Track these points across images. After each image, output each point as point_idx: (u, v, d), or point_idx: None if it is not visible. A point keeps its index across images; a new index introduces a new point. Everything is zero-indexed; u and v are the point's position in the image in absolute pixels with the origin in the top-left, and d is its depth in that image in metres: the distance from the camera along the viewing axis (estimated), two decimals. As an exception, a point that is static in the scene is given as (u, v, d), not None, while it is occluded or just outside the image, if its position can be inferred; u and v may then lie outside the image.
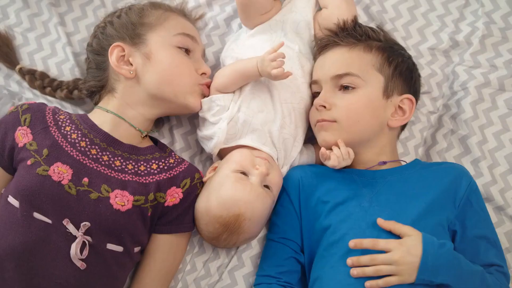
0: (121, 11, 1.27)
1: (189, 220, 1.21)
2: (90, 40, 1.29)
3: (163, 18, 1.25)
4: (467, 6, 1.46)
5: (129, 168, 1.16)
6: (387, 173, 1.20)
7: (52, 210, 1.07)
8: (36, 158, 1.11)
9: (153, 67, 1.19)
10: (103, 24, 1.27)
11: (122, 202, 1.11)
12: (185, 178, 1.20)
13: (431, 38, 1.44)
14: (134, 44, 1.21)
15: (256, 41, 1.30)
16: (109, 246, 1.10)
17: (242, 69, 1.22)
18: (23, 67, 1.34)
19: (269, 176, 1.18)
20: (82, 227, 1.07)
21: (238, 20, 1.42)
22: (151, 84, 1.20)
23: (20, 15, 1.39)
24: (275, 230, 1.24)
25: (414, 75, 1.28)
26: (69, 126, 1.17)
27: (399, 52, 1.27)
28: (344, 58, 1.23)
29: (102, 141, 1.17)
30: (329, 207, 1.18)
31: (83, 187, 1.10)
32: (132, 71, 1.19)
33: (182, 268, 1.28)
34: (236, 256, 1.29)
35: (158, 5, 1.29)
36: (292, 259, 1.20)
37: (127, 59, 1.20)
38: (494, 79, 1.37)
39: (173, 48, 1.22)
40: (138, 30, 1.22)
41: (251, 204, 1.14)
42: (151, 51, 1.20)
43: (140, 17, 1.24)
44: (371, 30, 1.28)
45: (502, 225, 1.31)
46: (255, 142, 1.23)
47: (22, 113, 1.18)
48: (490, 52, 1.40)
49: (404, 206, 1.13)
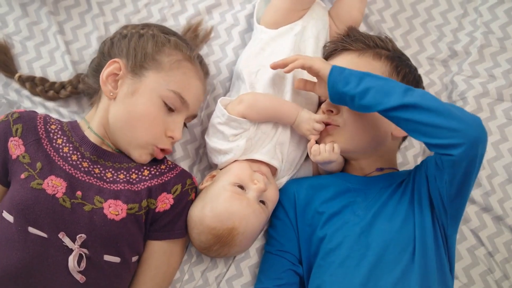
0: (148, 30, 1.22)
1: (181, 227, 1.20)
2: (108, 38, 1.25)
3: (175, 66, 1.18)
4: (465, 16, 1.47)
5: (121, 178, 1.15)
6: (382, 179, 1.20)
7: (47, 224, 1.06)
8: (30, 172, 1.10)
9: (129, 104, 1.15)
10: (125, 32, 1.22)
11: (116, 211, 1.10)
12: (176, 184, 1.19)
13: (429, 48, 1.45)
14: (132, 72, 1.16)
15: (279, 47, 1.28)
16: (106, 258, 1.09)
17: (279, 114, 1.20)
18: (22, 75, 1.33)
19: (266, 192, 1.18)
20: (78, 240, 1.06)
21: (239, 29, 1.42)
22: (115, 118, 1.16)
23: (19, 23, 1.38)
24: (273, 242, 1.24)
25: (419, 86, 1.28)
26: (61, 139, 1.16)
27: (406, 62, 1.28)
28: (354, 62, 1.23)
29: (92, 154, 1.16)
30: (325, 217, 1.18)
31: (77, 200, 1.09)
32: (112, 94, 1.16)
33: (180, 277, 1.27)
34: (234, 265, 1.28)
35: (180, 48, 1.21)
36: (290, 271, 1.20)
37: (117, 80, 1.17)
38: (492, 89, 1.37)
39: (158, 100, 1.15)
40: (145, 62, 1.17)
41: (245, 218, 1.13)
42: (139, 89, 1.15)
43: (156, 52, 1.18)
44: (378, 39, 1.28)
45: (501, 235, 1.31)
46: (265, 157, 1.22)
47: (13, 123, 1.16)
48: (488, 62, 1.41)
49: (396, 209, 1.13)
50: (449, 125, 0.97)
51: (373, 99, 1.03)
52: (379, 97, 1.02)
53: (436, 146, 0.99)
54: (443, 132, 0.97)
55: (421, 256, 1.07)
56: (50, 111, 1.32)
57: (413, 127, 1.01)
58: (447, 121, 0.97)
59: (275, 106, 1.20)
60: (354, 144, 1.19)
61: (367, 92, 1.03)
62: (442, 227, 1.11)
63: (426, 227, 1.09)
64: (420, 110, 0.98)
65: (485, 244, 1.31)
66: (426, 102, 0.99)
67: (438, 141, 0.98)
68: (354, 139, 1.19)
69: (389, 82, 1.05)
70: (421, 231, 1.09)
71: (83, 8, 1.42)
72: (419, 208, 1.11)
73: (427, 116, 0.98)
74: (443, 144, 0.97)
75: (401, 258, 1.07)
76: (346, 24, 1.35)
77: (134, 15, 1.43)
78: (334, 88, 1.08)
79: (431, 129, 0.98)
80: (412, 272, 1.05)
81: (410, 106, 0.99)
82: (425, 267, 1.06)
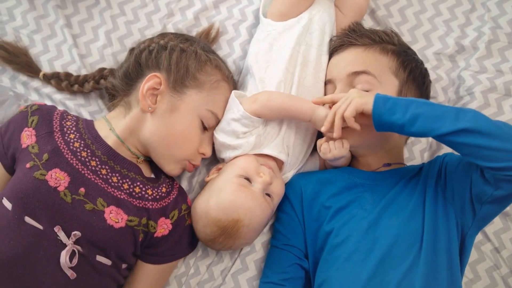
0: (190, 46, 1.21)
1: (177, 251, 1.21)
2: (143, 46, 1.22)
3: (214, 86, 1.20)
4: (473, 11, 1.46)
5: (125, 187, 1.14)
6: (389, 175, 1.20)
7: (44, 216, 1.05)
8: (35, 162, 1.10)
9: (169, 121, 1.16)
10: (164, 43, 1.20)
11: (116, 219, 1.09)
12: (174, 210, 1.18)
13: (436, 43, 1.44)
14: (172, 88, 1.16)
15: (285, 41, 1.28)
16: (98, 258, 1.09)
17: (293, 113, 1.19)
18: (46, 73, 1.33)
19: (272, 186, 1.18)
20: (72, 236, 1.05)
21: (246, 24, 1.42)
22: (152, 132, 1.16)
23: (27, 17, 1.39)
24: (279, 237, 1.24)
25: (426, 80, 1.28)
26: (74, 134, 1.16)
27: (412, 57, 1.27)
28: (361, 57, 1.22)
29: (104, 154, 1.15)
30: (332, 212, 1.18)
31: (79, 196, 1.09)
32: (151, 108, 1.15)
33: (186, 271, 1.27)
34: (239, 259, 1.28)
35: (220, 68, 1.23)
36: (295, 265, 1.20)
37: (155, 94, 1.16)
38: (500, 84, 1.37)
39: (197, 119, 1.18)
40: (186, 80, 1.17)
41: (251, 211, 1.13)
42: (180, 107, 1.16)
43: (198, 70, 1.18)
44: (384, 33, 1.28)
45: (507, 231, 1.31)
46: (273, 151, 1.22)
47: (31, 114, 1.17)
48: (496, 57, 1.40)
49: (404, 204, 1.13)
50: (505, 147, 0.94)
51: (423, 126, 1.00)
52: (430, 124, 0.99)
53: (493, 169, 0.97)
54: (499, 154, 0.94)
55: (429, 252, 1.06)
56: (56, 103, 1.33)
57: (468, 151, 0.98)
58: (502, 144, 0.94)
59: (289, 105, 1.19)
60: (362, 139, 1.19)
61: (416, 120, 1.00)
62: (461, 225, 1.10)
63: (438, 224, 1.09)
64: (475, 134, 0.95)
65: (491, 240, 1.30)
66: (479, 125, 0.96)
67: (494, 164, 0.95)
68: (361, 135, 1.18)
69: (436, 107, 1.02)
70: (432, 228, 1.08)
71: (91, 2, 1.43)
72: (433, 205, 1.11)
73: (482, 139, 0.95)
74: (500, 167, 0.95)
75: (409, 253, 1.06)
76: (353, 11, 1.36)
77: (141, 9, 1.44)
78: (381, 120, 1.03)
79: (487, 152, 0.95)
80: (417, 268, 1.05)
81: (464, 131, 0.96)
82: (432, 263, 1.05)
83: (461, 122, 0.97)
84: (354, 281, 1.07)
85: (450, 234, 1.09)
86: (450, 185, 1.11)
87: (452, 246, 1.09)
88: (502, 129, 0.97)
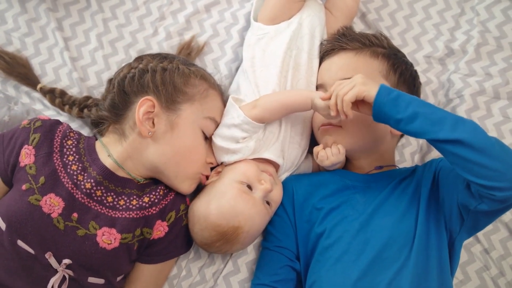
0: (170, 63, 1.20)
1: (173, 250, 1.21)
2: (124, 73, 1.20)
3: (204, 94, 1.20)
4: (462, 15, 1.47)
5: (121, 204, 1.13)
6: (381, 177, 1.21)
7: (36, 241, 1.06)
8: (31, 185, 1.09)
9: (172, 140, 1.15)
10: (143, 67, 1.18)
11: (109, 240, 1.09)
12: (171, 211, 1.18)
13: (426, 46, 1.45)
14: (166, 108, 1.15)
15: (276, 45, 1.28)
16: (91, 280, 1.09)
17: (293, 107, 1.19)
18: (44, 86, 1.32)
19: (272, 193, 1.18)
20: (63, 263, 1.06)
21: (238, 27, 1.42)
22: (158, 155, 1.15)
23: (18, 20, 1.39)
24: (270, 238, 1.24)
25: (416, 82, 1.29)
26: (72, 156, 1.15)
27: (402, 59, 1.28)
28: (352, 62, 1.23)
29: (99, 174, 1.14)
30: (323, 213, 1.18)
31: (71, 223, 1.08)
32: (151, 133, 1.14)
33: (178, 274, 1.27)
34: (231, 261, 1.28)
35: (205, 77, 1.23)
36: (287, 267, 1.20)
37: (152, 118, 1.15)
38: (489, 87, 1.38)
39: (199, 131, 1.18)
40: (176, 97, 1.16)
41: (251, 218, 1.14)
42: (179, 124, 1.15)
43: (185, 85, 1.18)
44: (374, 37, 1.28)
45: (497, 232, 1.31)
46: (272, 155, 1.22)
47: (33, 132, 1.16)
48: (485, 61, 1.41)
49: (396, 205, 1.14)
50: (496, 167, 0.93)
51: (420, 127, 0.99)
52: (427, 126, 0.98)
53: (479, 185, 0.96)
54: (487, 172, 0.93)
55: (420, 253, 1.07)
56: (48, 108, 1.33)
57: (458, 162, 0.97)
58: (492, 162, 0.93)
59: (287, 100, 1.19)
60: (355, 143, 1.20)
61: (415, 118, 0.99)
62: (449, 231, 1.11)
63: (430, 226, 1.09)
64: (468, 147, 0.94)
65: (481, 241, 1.31)
66: (475, 139, 0.94)
67: (481, 181, 0.94)
68: (355, 138, 1.19)
69: (437, 110, 1.01)
70: (425, 230, 1.09)
71: (82, 5, 1.43)
72: (426, 207, 1.11)
73: (474, 154, 0.94)
74: (487, 186, 0.94)
75: (400, 254, 1.07)
76: (343, 13, 1.37)
77: (133, 12, 1.44)
78: (381, 109, 1.02)
79: (476, 168, 0.94)
80: (407, 269, 1.05)
81: (459, 142, 0.95)
82: (423, 265, 1.06)
83: (458, 132, 0.96)
84: (344, 282, 1.07)
85: (440, 236, 1.10)
86: (441, 190, 1.11)
87: (443, 248, 1.09)
88: (495, 147, 0.95)
